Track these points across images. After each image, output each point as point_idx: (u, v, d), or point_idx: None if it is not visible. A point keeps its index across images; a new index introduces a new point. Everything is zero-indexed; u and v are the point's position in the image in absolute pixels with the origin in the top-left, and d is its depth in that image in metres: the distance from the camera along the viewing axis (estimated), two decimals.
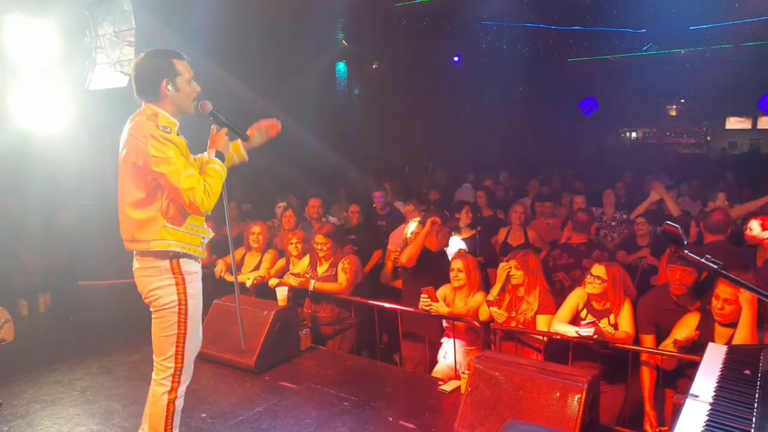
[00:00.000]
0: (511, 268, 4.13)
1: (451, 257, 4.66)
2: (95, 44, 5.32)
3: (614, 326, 3.82)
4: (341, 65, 12.62)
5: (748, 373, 2.17)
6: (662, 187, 6.17)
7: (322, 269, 5.04)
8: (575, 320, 3.92)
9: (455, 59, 13.86)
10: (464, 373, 3.80)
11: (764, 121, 19.36)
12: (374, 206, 7.22)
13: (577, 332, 3.68)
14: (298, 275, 4.95)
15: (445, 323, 4.48)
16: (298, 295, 5.05)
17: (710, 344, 2.71)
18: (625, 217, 6.51)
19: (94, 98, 5.56)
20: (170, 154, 2.54)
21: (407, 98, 12.79)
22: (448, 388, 3.98)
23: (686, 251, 2.04)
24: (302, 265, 5.18)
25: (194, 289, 2.75)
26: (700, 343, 3.34)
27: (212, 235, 2.91)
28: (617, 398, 3.93)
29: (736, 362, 2.29)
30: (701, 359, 2.41)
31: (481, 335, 4.21)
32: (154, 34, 5.23)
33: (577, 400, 3.05)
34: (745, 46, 11.99)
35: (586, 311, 3.96)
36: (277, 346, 4.39)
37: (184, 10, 5.85)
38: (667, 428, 3.57)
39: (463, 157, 12.89)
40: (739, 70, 13.16)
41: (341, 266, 4.91)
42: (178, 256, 2.68)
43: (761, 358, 2.27)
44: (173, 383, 2.75)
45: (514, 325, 4.12)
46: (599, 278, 3.85)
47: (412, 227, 4.93)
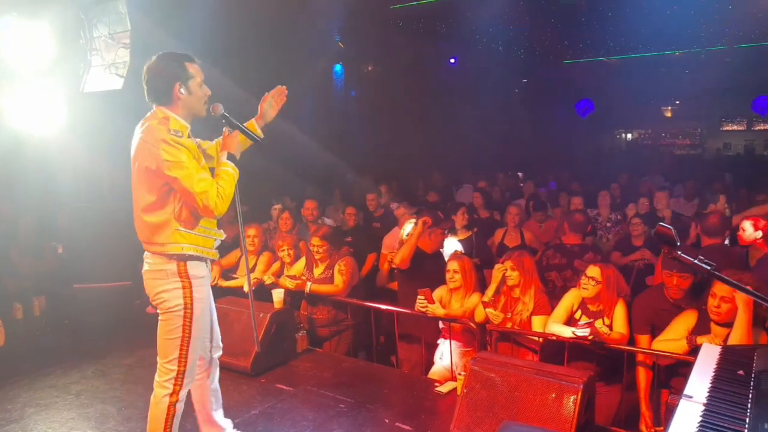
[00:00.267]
0: (506, 269, 4.14)
1: (447, 258, 4.66)
2: (90, 46, 5.29)
3: (609, 327, 3.83)
4: (338, 67, 12.62)
5: (741, 373, 2.17)
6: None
7: (318, 271, 5.03)
8: (570, 321, 3.93)
9: (452, 61, 13.88)
10: (460, 374, 3.81)
11: (759, 122, 19.45)
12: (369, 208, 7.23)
13: (573, 333, 3.69)
14: (294, 277, 4.95)
15: (441, 325, 4.48)
16: (294, 297, 5.05)
17: (704, 344, 2.72)
18: (620, 218, 6.54)
19: (89, 100, 5.54)
20: (182, 158, 2.55)
21: (404, 100, 12.79)
22: (444, 389, 3.98)
23: (679, 252, 2.05)
24: (298, 267, 5.18)
25: (201, 293, 2.77)
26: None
27: (224, 236, 2.93)
28: (613, 399, 3.94)
29: (729, 363, 2.30)
30: (695, 359, 2.42)
31: (477, 336, 4.22)
32: (149, 36, 5.21)
33: (572, 400, 3.05)
34: (739, 47, 12.05)
35: (580, 312, 3.97)
36: (273, 348, 4.39)
37: (179, 11, 5.82)
38: (662, 428, 3.57)
39: (459, 158, 12.91)
40: (733, 71, 13.23)
41: (337, 268, 4.91)
42: (186, 258, 2.70)
43: (755, 358, 2.27)
44: (175, 386, 2.75)
45: (509, 326, 4.12)
46: (594, 279, 3.86)
47: (408, 228, 4.93)
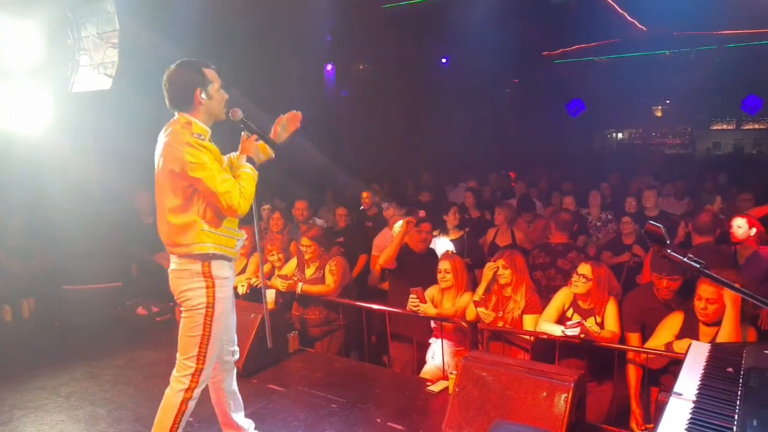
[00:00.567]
0: (498, 267, 4.15)
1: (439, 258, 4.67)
2: (78, 46, 5.25)
3: (600, 325, 3.85)
4: (329, 67, 12.60)
5: (730, 370, 2.19)
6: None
7: (309, 271, 5.02)
8: (561, 320, 3.94)
9: (443, 60, 13.90)
10: (452, 373, 3.81)
11: (748, 121, 19.61)
12: (362, 207, 7.21)
13: (563, 332, 3.70)
14: (285, 277, 4.94)
15: (433, 324, 4.48)
16: (286, 297, 5.03)
17: (694, 342, 2.74)
18: (610, 217, 6.57)
19: (77, 101, 5.49)
20: (205, 159, 2.64)
21: (395, 100, 12.79)
22: (436, 388, 3.98)
23: (669, 251, 2.05)
24: (290, 267, 5.17)
25: (224, 293, 2.84)
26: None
27: (245, 236, 3.01)
28: (604, 397, 3.95)
29: (719, 360, 2.31)
30: (685, 357, 2.43)
31: (468, 335, 4.22)
32: (138, 35, 5.18)
33: (563, 399, 3.06)
34: (728, 47, 12.14)
35: (572, 310, 3.98)
36: (264, 348, 4.36)
37: (168, 11, 5.79)
38: (652, 426, 3.59)
39: (451, 158, 12.92)
40: (723, 71, 13.33)
41: (328, 268, 4.90)
42: (211, 258, 2.77)
43: (743, 355, 2.29)
44: (191, 383, 2.82)
45: (501, 325, 4.13)
46: (584, 276, 3.88)
47: (398, 228, 4.93)
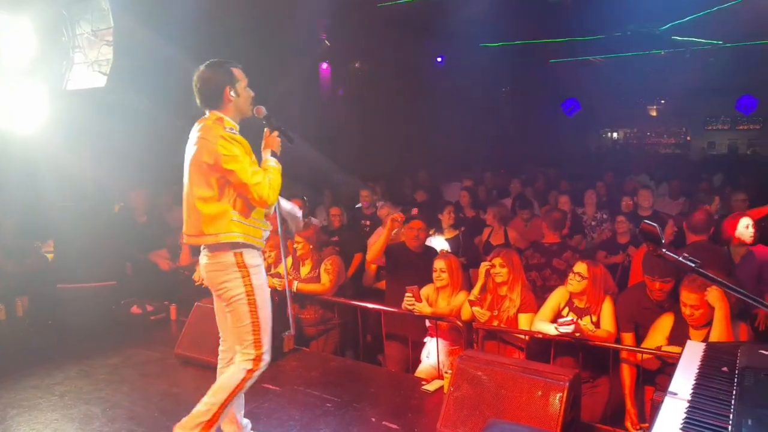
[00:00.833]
0: (495, 265, 4.15)
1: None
2: (73, 43, 5.22)
3: (596, 324, 3.86)
4: (325, 65, 12.57)
5: (725, 370, 2.19)
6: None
7: (305, 270, 5.01)
8: (557, 319, 3.95)
9: (438, 60, 13.88)
10: (447, 372, 3.81)
11: (743, 121, 19.68)
12: (359, 206, 7.20)
13: (556, 329, 3.71)
14: (276, 275, 4.92)
15: (428, 323, 4.48)
16: (281, 296, 5.01)
17: (689, 342, 2.74)
18: (605, 216, 6.58)
19: (72, 98, 5.46)
20: (237, 152, 2.77)
21: (391, 98, 12.77)
22: (431, 387, 3.98)
23: (664, 250, 2.06)
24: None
25: (259, 280, 2.95)
26: (676, 342, 3.39)
27: (271, 228, 3.10)
28: (599, 396, 3.96)
29: (713, 359, 2.32)
30: (680, 357, 2.44)
31: (463, 335, 4.22)
32: (132, 33, 5.16)
33: (558, 398, 3.07)
34: (724, 47, 12.16)
35: (568, 309, 3.99)
36: None
37: (163, 8, 5.75)
38: (647, 425, 3.60)
39: (446, 157, 12.91)
40: (718, 71, 13.35)
41: (324, 267, 4.89)
42: (241, 247, 2.86)
43: (738, 355, 2.29)
44: (255, 366, 2.95)
45: (496, 324, 4.13)
46: (579, 275, 3.89)
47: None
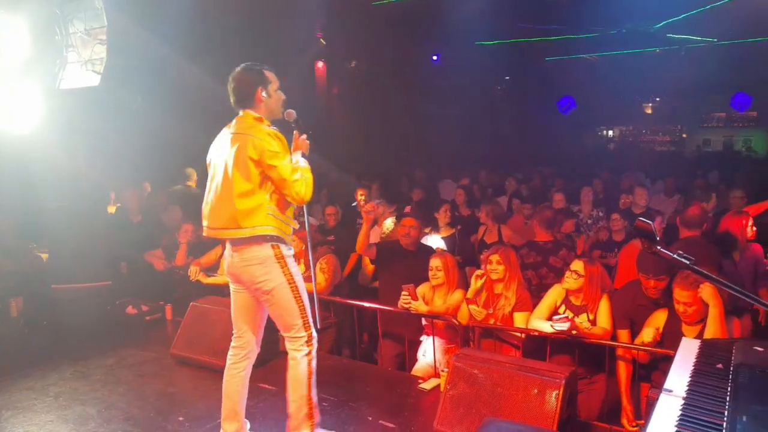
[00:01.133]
0: (492, 262, 4.15)
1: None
2: (66, 42, 5.21)
3: (593, 322, 3.86)
4: (321, 64, 12.55)
5: (720, 367, 2.19)
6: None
7: (300, 269, 4.99)
8: (553, 316, 3.95)
9: (434, 58, 13.87)
10: (443, 371, 3.81)
11: (737, 119, 19.74)
12: (355, 205, 7.18)
13: (551, 326, 3.71)
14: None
15: (424, 321, 4.48)
16: None
17: (684, 339, 2.74)
18: (601, 214, 6.59)
19: (65, 97, 5.44)
20: (279, 149, 2.86)
21: (386, 97, 12.76)
22: (427, 386, 3.98)
23: (659, 247, 2.05)
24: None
25: (295, 267, 3.07)
26: (670, 338, 3.39)
27: (298, 226, 3.19)
28: (595, 393, 3.96)
29: (708, 356, 2.32)
30: (675, 354, 2.44)
31: (460, 333, 4.22)
32: (126, 32, 5.14)
33: (554, 396, 3.07)
34: (719, 45, 12.18)
35: (564, 307, 3.99)
36: None
37: (157, 7, 5.73)
38: (643, 422, 3.61)
39: (442, 155, 12.91)
40: (712, 69, 13.38)
41: (319, 266, 4.88)
42: (275, 240, 2.94)
43: (733, 351, 2.29)
44: (308, 346, 3.09)
45: (492, 322, 4.13)
46: (576, 273, 3.89)
47: (388, 225, 4.93)
